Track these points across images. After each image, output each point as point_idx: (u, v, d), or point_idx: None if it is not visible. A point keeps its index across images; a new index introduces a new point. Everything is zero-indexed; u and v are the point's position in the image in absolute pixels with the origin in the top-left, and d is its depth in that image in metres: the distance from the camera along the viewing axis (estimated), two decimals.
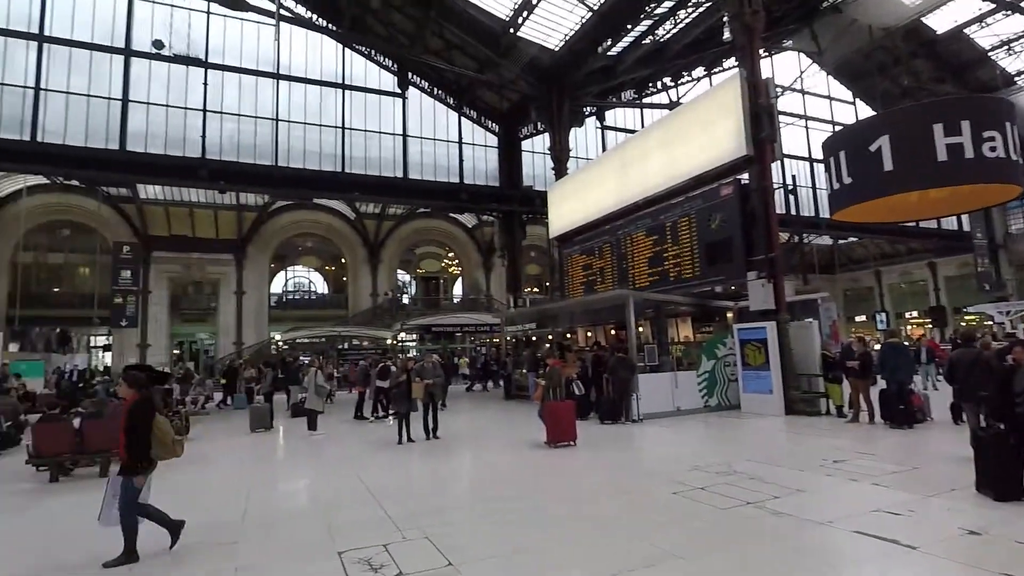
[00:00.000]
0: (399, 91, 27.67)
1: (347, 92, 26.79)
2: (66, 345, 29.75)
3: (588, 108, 26.56)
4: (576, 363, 11.42)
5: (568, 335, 17.90)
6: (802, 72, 29.05)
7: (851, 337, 16.77)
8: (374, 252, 32.67)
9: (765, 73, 13.19)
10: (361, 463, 8.59)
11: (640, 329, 15.05)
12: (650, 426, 11.21)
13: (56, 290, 28.86)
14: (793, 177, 26.60)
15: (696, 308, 15.30)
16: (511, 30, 22.26)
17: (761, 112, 12.58)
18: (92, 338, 32.08)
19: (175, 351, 29.86)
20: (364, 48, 26.91)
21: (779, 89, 18.69)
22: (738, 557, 4.40)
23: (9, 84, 21.17)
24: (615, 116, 31.06)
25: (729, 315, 14.56)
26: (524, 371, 17.10)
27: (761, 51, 14.40)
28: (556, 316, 18.07)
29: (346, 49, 26.96)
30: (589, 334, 17.99)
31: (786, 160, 27.64)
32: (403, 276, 35.29)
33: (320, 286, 34.38)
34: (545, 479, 7.32)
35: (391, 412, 11.62)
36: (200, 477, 8.16)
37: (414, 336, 30.06)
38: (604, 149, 29.13)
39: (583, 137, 29.35)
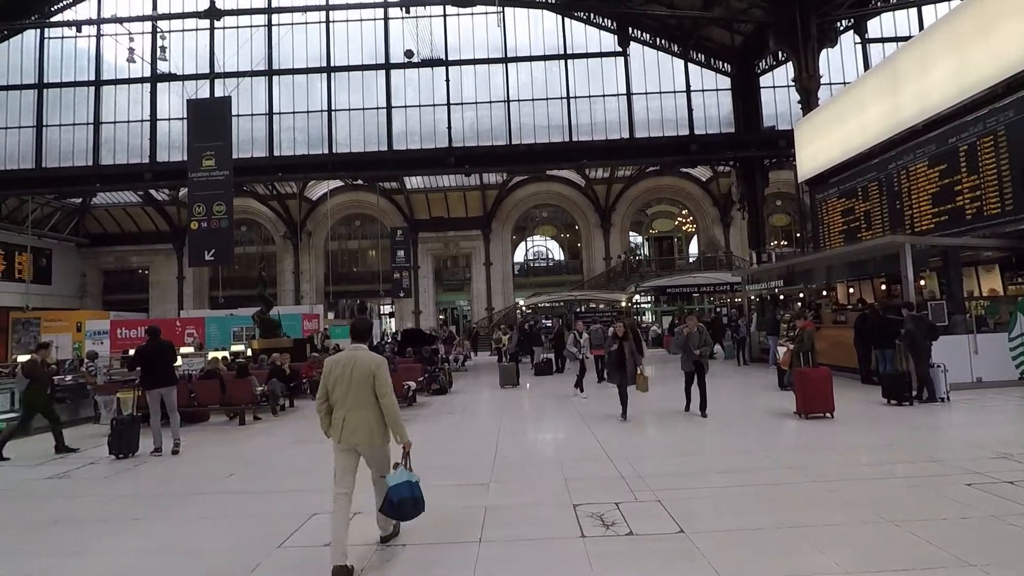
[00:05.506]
0: (620, 49, 27.15)
1: (569, 62, 27.32)
2: (364, 313, 36.87)
3: (843, 22, 22.37)
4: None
5: (824, 292, 15.69)
6: None
7: None
8: (605, 216, 33.01)
9: None
10: (598, 423, 8.88)
11: (922, 282, 12.47)
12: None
13: (355, 269, 35.81)
14: None
15: (1007, 252, 11.99)
16: None
17: None
18: (381, 307, 39.24)
19: (440, 316, 34.73)
20: (582, 14, 26.95)
21: None
22: None
23: (313, 111, 26.76)
24: (880, 24, 25.65)
25: None
26: (765, 334, 15.58)
27: None
28: (809, 271, 15.93)
29: (565, 19, 27.36)
30: (851, 290, 15.51)
31: None
32: (635, 238, 34.99)
33: (556, 253, 36.08)
34: (793, 453, 6.65)
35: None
36: (461, 423, 9.63)
37: (648, 298, 29.75)
38: (867, 68, 24.39)
39: (837, 59, 25.02)
